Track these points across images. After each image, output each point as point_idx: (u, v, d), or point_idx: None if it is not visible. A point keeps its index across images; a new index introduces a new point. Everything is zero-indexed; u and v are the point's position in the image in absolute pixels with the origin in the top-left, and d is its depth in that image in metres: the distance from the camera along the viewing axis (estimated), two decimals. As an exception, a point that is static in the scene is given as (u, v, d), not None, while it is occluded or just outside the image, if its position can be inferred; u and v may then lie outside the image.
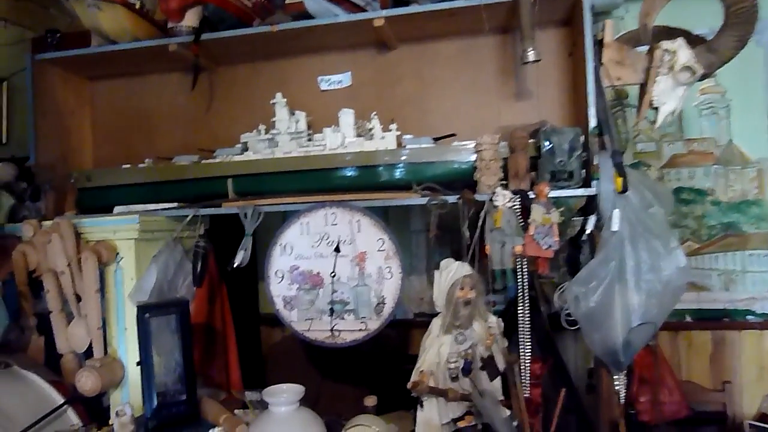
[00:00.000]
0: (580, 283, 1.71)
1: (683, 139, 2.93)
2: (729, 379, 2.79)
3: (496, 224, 1.75)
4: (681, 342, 2.86)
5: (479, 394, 1.65)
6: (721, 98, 2.88)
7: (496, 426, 1.62)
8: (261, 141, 2.05)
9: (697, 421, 2.69)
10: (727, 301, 2.84)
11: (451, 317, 1.80)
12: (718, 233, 2.86)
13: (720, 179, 2.88)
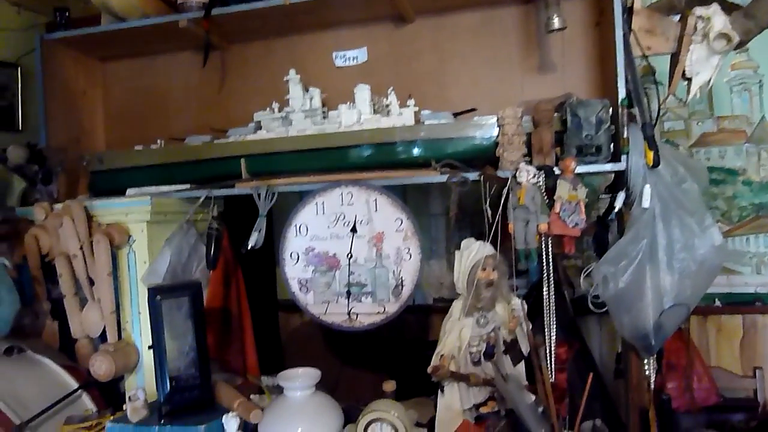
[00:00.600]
0: (610, 263, 1.62)
1: (713, 116, 2.81)
2: (760, 365, 2.68)
3: (520, 201, 1.66)
4: (710, 327, 2.76)
5: (503, 378, 1.57)
6: (754, 74, 2.75)
7: (521, 412, 1.54)
8: (275, 119, 1.98)
9: (727, 408, 2.60)
10: (758, 284, 2.73)
11: (472, 299, 1.72)
12: (750, 214, 2.75)
13: (752, 158, 2.76)
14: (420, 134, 1.84)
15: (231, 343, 2.18)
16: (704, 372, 2.63)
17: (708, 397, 2.60)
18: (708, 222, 1.63)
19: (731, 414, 2.60)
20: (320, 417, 1.49)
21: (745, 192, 2.75)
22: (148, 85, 2.38)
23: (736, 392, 2.68)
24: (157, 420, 1.69)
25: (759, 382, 2.66)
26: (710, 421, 2.62)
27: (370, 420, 1.45)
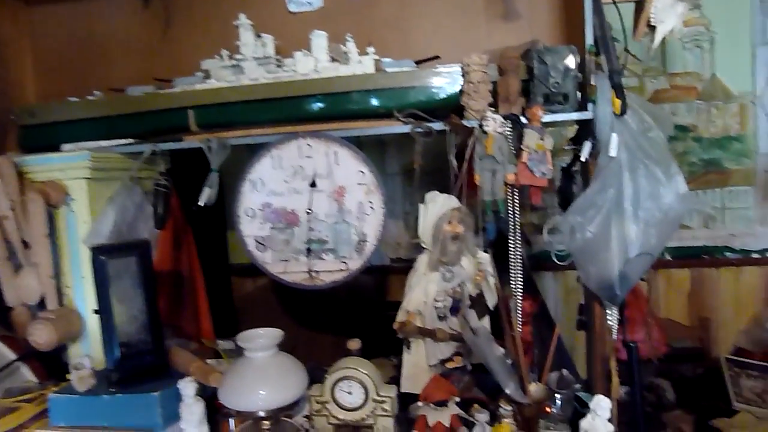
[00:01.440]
0: (578, 213, 1.58)
1: (666, 73, 2.81)
2: (707, 315, 2.76)
3: (488, 151, 1.59)
4: (660, 280, 2.81)
5: (472, 331, 1.52)
6: (706, 31, 2.75)
7: (491, 364, 1.51)
8: (224, 68, 1.83)
9: (676, 357, 2.67)
10: (706, 238, 2.79)
11: (438, 253, 1.66)
12: (699, 170, 2.79)
13: (702, 115, 2.78)
14: (381, 83, 1.74)
15: (184, 308, 2.06)
16: (655, 323, 2.69)
17: (658, 348, 2.67)
18: (673, 170, 1.61)
19: (680, 363, 2.68)
20: (284, 378, 1.40)
21: (695, 148, 2.78)
22: (82, 32, 2.16)
23: (684, 342, 2.76)
24: (106, 388, 1.57)
25: (705, 331, 2.74)
26: (660, 370, 2.70)
27: (338, 378, 1.38)
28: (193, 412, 1.46)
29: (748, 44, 2.69)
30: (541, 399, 1.52)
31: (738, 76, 2.72)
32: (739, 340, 2.75)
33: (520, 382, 1.52)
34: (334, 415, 1.39)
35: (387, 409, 1.36)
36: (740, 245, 2.74)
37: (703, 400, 2.51)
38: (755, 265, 2.72)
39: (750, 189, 2.74)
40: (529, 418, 1.52)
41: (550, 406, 1.63)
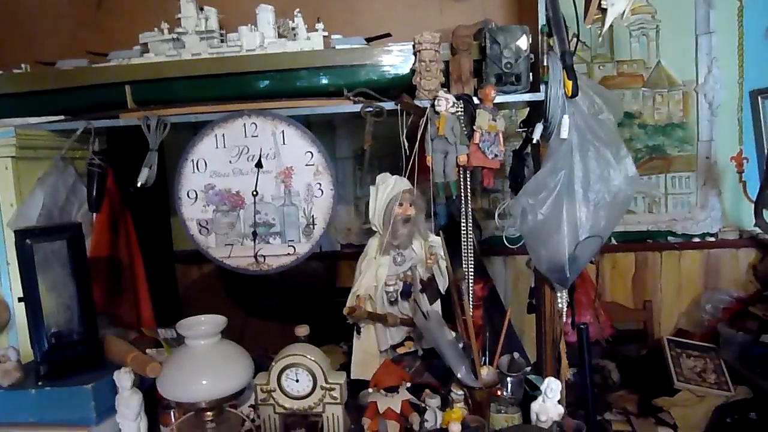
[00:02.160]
0: (529, 194, 1.56)
1: (614, 60, 2.84)
2: (650, 298, 2.83)
3: (439, 132, 1.55)
4: (606, 264, 2.85)
5: (423, 315, 1.49)
6: (652, 19, 2.80)
7: (442, 349, 1.48)
8: (164, 42, 1.72)
9: (621, 339, 2.73)
10: (650, 222, 2.85)
11: (389, 236, 1.61)
12: (644, 156, 2.84)
13: (648, 102, 2.83)
14: (330, 60, 1.67)
15: (122, 295, 1.95)
16: (600, 306, 2.74)
17: (603, 330, 2.72)
18: (623, 153, 1.61)
19: (625, 344, 2.74)
20: (227, 367, 1.33)
21: (640, 135, 2.83)
22: (7, 0, 2.00)
23: (628, 324, 2.82)
24: (34, 382, 1.46)
25: (648, 314, 2.80)
26: (606, 352, 2.75)
27: (285, 366, 1.32)
28: (129, 404, 1.37)
29: (692, 33, 2.74)
30: (492, 383, 1.50)
31: (682, 65, 2.78)
32: (680, 321, 2.83)
33: (472, 366, 1.49)
34: (280, 404, 1.33)
35: (336, 396, 1.31)
36: (682, 230, 2.81)
37: (646, 379, 2.56)
38: (696, 249, 2.80)
39: (692, 175, 2.81)
40: (481, 402, 1.50)
41: (501, 390, 1.62)
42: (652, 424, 2.38)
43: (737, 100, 2.74)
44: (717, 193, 2.78)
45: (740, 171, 2.77)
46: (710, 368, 2.50)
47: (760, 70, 2.71)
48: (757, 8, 2.67)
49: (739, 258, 2.78)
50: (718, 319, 2.64)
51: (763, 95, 2.71)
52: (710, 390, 2.35)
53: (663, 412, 2.36)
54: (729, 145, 2.76)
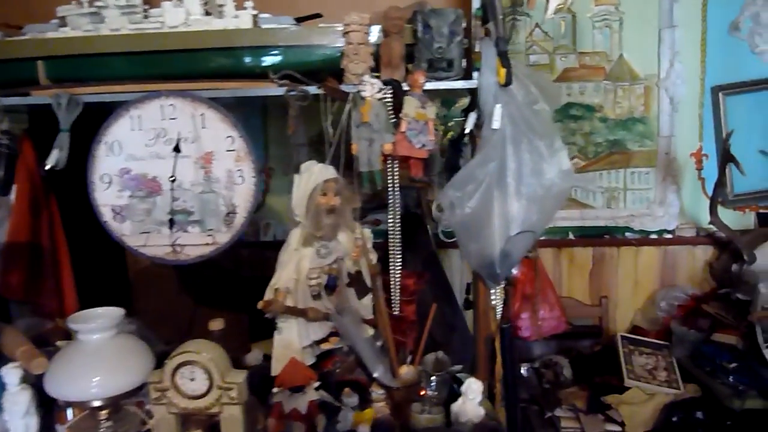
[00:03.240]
0: (456, 187, 1.47)
1: (576, 52, 2.74)
2: (606, 294, 2.75)
3: (363, 119, 1.45)
4: (563, 259, 2.77)
5: (338, 312, 1.39)
6: (615, 10, 2.69)
7: (358, 347, 1.39)
8: (83, 15, 1.60)
9: (575, 335, 2.66)
10: (608, 218, 2.76)
11: (312, 227, 1.51)
12: (604, 151, 2.75)
13: (609, 95, 2.73)
14: (256, 40, 1.56)
15: (44, 282, 1.84)
16: (555, 302, 2.66)
17: (558, 326, 2.63)
18: (557, 145, 1.52)
19: (579, 340, 2.67)
20: (122, 362, 1.24)
21: (601, 128, 2.73)
22: None
23: (584, 320, 2.75)
24: None
25: (604, 310, 2.73)
26: (560, 348, 2.68)
27: (179, 363, 1.22)
28: (17, 401, 1.27)
29: (655, 26, 2.64)
30: (412, 382, 1.42)
31: (644, 58, 2.68)
32: (635, 318, 2.76)
33: (390, 364, 1.41)
34: (175, 403, 1.23)
35: (234, 396, 1.22)
36: (639, 226, 2.73)
37: (598, 376, 2.50)
38: (653, 245, 2.72)
39: (651, 170, 2.72)
40: (400, 402, 1.42)
41: (425, 389, 1.54)
42: (601, 421, 2.33)
43: (698, 96, 2.65)
44: (676, 190, 2.70)
45: (699, 168, 2.69)
46: (662, 366, 2.44)
47: (722, 66, 2.62)
48: (720, 3, 2.57)
49: (696, 255, 2.71)
50: (673, 317, 2.58)
51: (724, 92, 2.63)
52: (660, 388, 2.30)
53: (612, 409, 2.31)
54: (689, 141, 2.68)
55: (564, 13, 2.72)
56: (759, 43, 2.59)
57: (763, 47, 2.59)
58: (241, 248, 2.76)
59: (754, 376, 2.09)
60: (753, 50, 2.61)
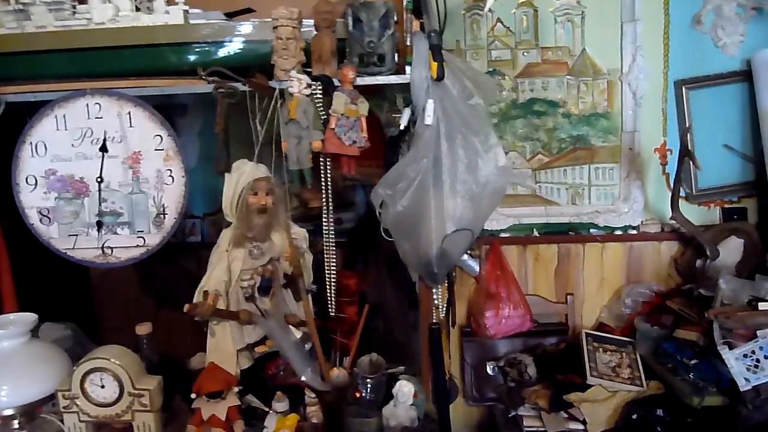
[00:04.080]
0: (387, 185, 1.42)
1: (538, 47, 2.69)
2: (572, 291, 2.71)
3: (291, 115, 1.40)
4: (529, 256, 2.72)
5: (262, 314, 1.34)
6: (577, 5, 2.64)
7: (284, 350, 1.34)
8: (8, 12, 1.55)
9: (542, 333, 2.62)
10: (573, 214, 2.71)
11: (242, 228, 1.46)
12: (568, 146, 2.69)
13: (572, 91, 2.68)
14: (185, 36, 1.50)
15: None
16: (520, 300, 2.61)
17: (523, 324, 2.60)
18: (492, 141, 1.47)
19: (545, 338, 2.63)
20: (34, 369, 1.19)
21: (564, 124, 2.68)
22: None
23: (550, 317, 2.70)
24: None
25: (570, 307, 2.69)
26: (526, 346, 2.64)
27: (88, 370, 1.17)
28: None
29: (617, 20, 2.59)
30: (342, 385, 1.37)
31: (607, 53, 2.63)
32: (601, 315, 2.72)
33: (319, 367, 1.36)
34: (86, 411, 1.18)
35: (146, 403, 1.17)
36: (604, 222, 2.68)
37: (562, 374, 2.45)
38: (618, 241, 2.67)
39: (615, 166, 2.67)
40: (332, 405, 1.37)
41: (360, 391, 1.49)
42: (563, 419, 2.28)
43: (662, 91, 2.60)
44: (640, 185, 2.65)
45: (664, 163, 2.64)
46: (625, 363, 2.40)
47: (685, 60, 2.57)
48: (683, -4, 2.52)
49: (661, 251, 2.66)
50: (638, 313, 2.54)
51: (687, 86, 2.58)
52: (622, 385, 2.26)
53: (574, 407, 2.27)
54: (653, 136, 2.62)
55: (526, 8, 2.67)
56: (722, 37, 2.54)
57: (726, 41, 2.54)
58: (203, 249, 2.71)
59: (714, 372, 2.04)
60: (716, 44, 2.56)
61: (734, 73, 2.53)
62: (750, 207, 2.60)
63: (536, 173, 2.67)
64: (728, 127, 2.58)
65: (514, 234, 2.67)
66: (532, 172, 2.68)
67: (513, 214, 2.69)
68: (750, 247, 2.43)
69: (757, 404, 1.89)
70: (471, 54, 2.66)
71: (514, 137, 2.67)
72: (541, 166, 2.67)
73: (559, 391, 2.31)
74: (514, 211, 2.68)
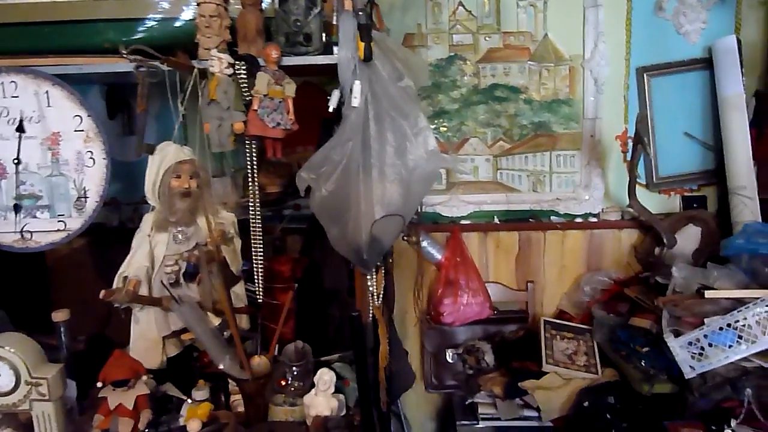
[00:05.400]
0: (311, 169, 1.36)
1: (500, 32, 2.62)
2: (533, 279, 2.66)
3: (211, 95, 1.33)
4: (490, 243, 2.67)
5: (176, 300, 1.28)
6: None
7: (201, 338, 1.29)
8: (-77, -13, 1.47)
9: (501, 320, 2.58)
10: (534, 202, 2.66)
11: (165, 212, 1.40)
12: (529, 133, 2.64)
13: (533, 76, 2.62)
14: (106, 12, 1.43)
15: None
16: (479, 287, 2.57)
17: (481, 311, 2.56)
18: (422, 124, 1.41)
19: (505, 325, 2.59)
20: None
21: (526, 110, 2.62)
22: None
23: (510, 305, 2.66)
24: None
25: (530, 294, 2.65)
26: (486, 333, 2.60)
27: (-19, 358, 1.12)
28: None
29: (580, 6, 2.52)
30: (263, 373, 1.32)
31: (569, 38, 2.56)
32: (561, 302, 2.68)
33: (239, 355, 1.30)
34: (-18, 400, 1.13)
35: (44, 392, 1.11)
36: (565, 209, 2.63)
37: (519, 361, 2.42)
38: (578, 229, 2.63)
39: (577, 153, 2.62)
40: (253, 394, 1.32)
41: (285, 379, 1.44)
42: (517, 407, 2.26)
43: (624, 78, 2.54)
44: (601, 173, 2.60)
45: (625, 151, 2.59)
46: (582, 350, 2.38)
47: (647, 47, 2.51)
48: (645, -18, 2.46)
49: (621, 239, 2.62)
50: (597, 301, 2.50)
51: (649, 73, 2.52)
52: (577, 373, 2.23)
53: (529, 395, 2.24)
54: (614, 123, 2.57)
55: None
56: (684, 24, 2.48)
57: (688, 28, 2.48)
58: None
59: (664, 360, 2.01)
60: (678, 31, 2.50)
61: (696, 60, 2.48)
62: (710, 195, 2.55)
63: (497, 160, 2.62)
64: (689, 115, 2.53)
65: (475, 221, 2.63)
66: (493, 159, 2.62)
67: (474, 201, 2.63)
68: (707, 236, 2.39)
69: (704, 391, 1.86)
70: (432, 38, 2.59)
71: (475, 123, 2.61)
72: (503, 152, 2.62)
73: (514, 378, 2.28)
74: (474, 198, 2.63)
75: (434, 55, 2.57)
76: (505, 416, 2.21)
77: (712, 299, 1.83)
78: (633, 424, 1.92)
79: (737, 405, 1.66)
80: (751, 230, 1.94)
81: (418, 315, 2.57)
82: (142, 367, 1.25)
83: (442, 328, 2.59)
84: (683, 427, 1.72)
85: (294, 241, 2.22)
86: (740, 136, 2.24)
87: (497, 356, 2.47)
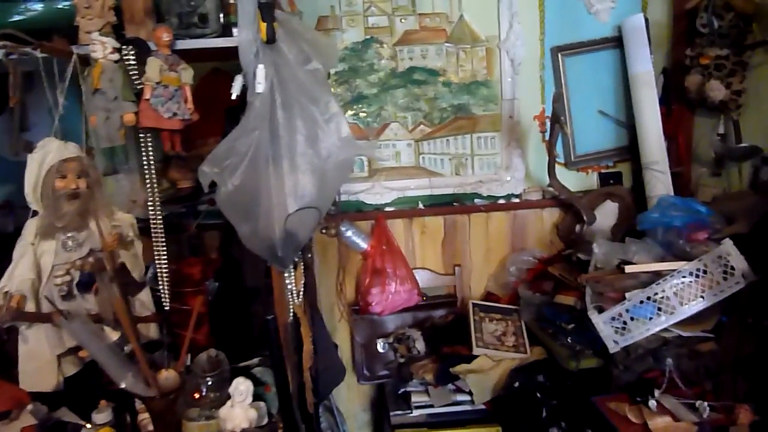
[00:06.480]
0: (213, 163, 1.25)
1: (416, 13, 2.56)
2: (459, 262, 2.66)
3: (95, 84, 1.19)
4: (415, 229, 2.64)
5: (63, 316, 1.15)
6: (453, -31, 2.53)
7: (96, 355, 1.16)
8: None
9: (431, 306, 2.56)
10: (457, 185, 2.65)
11: (51, 216, 1.25)
12: (449, 116, 2.61)
13: (451, 58, 2.59)
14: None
15: None
16: (407, 275, 2.54)
17: (410, 299, 2.53)
18: (333, 110, 1.33)
19: (434, 311, 2.57)
20: None
21: (445, 93, 2.59)
22: None
23: (439, 290, 2.65)
24: None
25: (458, 278, 2.65)
26: (416, 320, 2.57)
27: None
28: None
29: (494, -17, 2.51)
30: (173, 388, 1.21)
31: (484, 20, 2.55)
32: (488, 284, 2.69)
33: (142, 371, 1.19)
34: None
35: None
36: (487, 192, 2.63)
37: (449, 346, 2.41)
38: (501, 210, 2.64)
39: (497, 135, 2.62)
40: (161, 412, 1.21)
41: (200, 391, 1.34)
42: (450, 392, 2.24)
43: (539, 58, 2.56)
44: (521, 154, 2.61)
45: (543, 131, 2.61)
46: (510, 331, 2.39)
47: (560, 27, 2.53)
48: (558, -38, 2.47)
49: (543, 218, 2.66)
50: (522, 281, 2.52)
51: (563, 52, 2.55)
52: (507, 353, 2.24)
53: (460, 379, 2.23)
54: (532, 103, 2.59)
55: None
56: (594, 3, 2.52)
57: (599, 6, 2.52)
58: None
59: (589, 336, 2.04)
60: (589, 10, 2.54)
61: (606, 39, 2.53)
62: (625, 171, 2.63)
63: (419, 144, 2.58)
64: (603, 93, 2.58)
65: (399, 207, 2.58)
66: (415, 143, 2.58)
67: (397, 187, 2.59)
68: (624, 211, 2.46)
69: (627, 364, 1.91)
70: (347, 21, 2.51)
71: (395, 108, 2.56)
72: (424, 136, 2.58)
73: (445, 364, 2.27)
74: (397, 184, 2.59)
75: (350, 39, 2.49)
76: (438, 403, 2.20)
77: (632, 273, 1.88)
78: (562, 400, 1.95)
79: (659, 375, 1.71)
80: (665, 204, 2.00)
81: (341, 308, 2.52)
82: (25, 395, 1.11)
83: (371, 318, 2.54)
84: (609, 400, 1.76)
85: (212, 238, 2.09)
86: (651, 113, 2.31)
87: (428, 343, 2.45)
